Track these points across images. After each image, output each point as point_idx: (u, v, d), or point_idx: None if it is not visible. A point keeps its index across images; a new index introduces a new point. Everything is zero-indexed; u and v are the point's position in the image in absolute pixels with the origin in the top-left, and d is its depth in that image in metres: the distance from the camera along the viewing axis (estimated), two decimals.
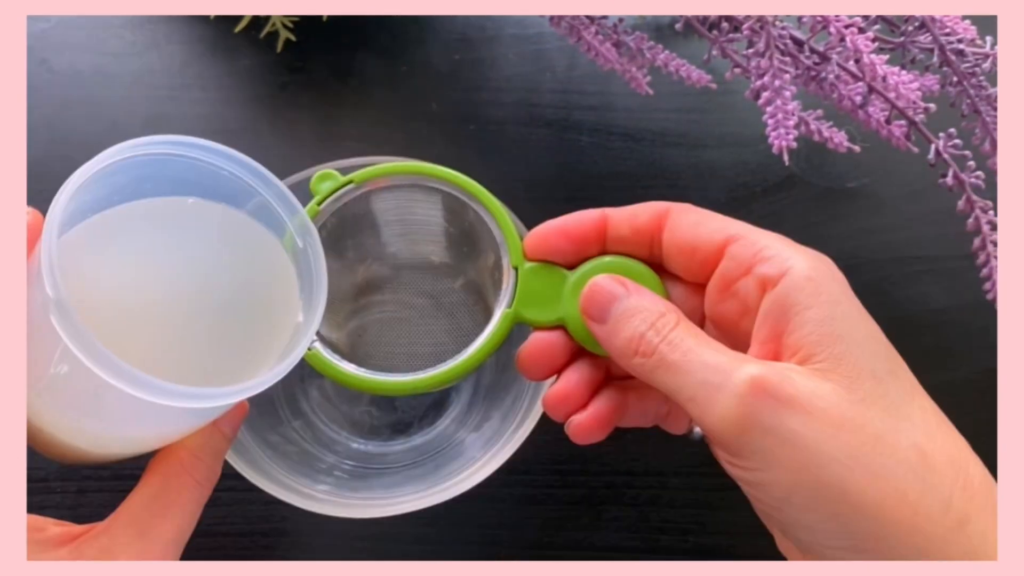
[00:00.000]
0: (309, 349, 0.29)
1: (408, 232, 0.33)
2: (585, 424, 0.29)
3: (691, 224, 0.28)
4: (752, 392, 0.24)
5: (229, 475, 0.35)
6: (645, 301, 0.27)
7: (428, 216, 0.32)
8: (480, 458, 0.38)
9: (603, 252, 0.30)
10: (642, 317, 0.27)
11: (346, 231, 0.32)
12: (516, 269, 0.30)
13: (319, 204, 0.30)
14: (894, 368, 0.25)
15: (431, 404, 0.44)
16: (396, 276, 0.35)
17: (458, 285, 0.34)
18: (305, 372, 0.42)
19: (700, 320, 0.29)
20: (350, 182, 0.30)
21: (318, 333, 0.29)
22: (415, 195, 0.31)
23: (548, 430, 0.35)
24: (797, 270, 0.26)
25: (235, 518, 0.42)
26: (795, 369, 0.25)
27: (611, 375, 0.30)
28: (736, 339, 0.28)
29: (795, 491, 0.24)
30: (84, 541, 0.24)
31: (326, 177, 0.30)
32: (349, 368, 0.30)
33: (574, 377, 0.29)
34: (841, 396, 0.24)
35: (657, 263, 0.29)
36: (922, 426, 0.24)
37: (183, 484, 0.27)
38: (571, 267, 0.30)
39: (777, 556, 0.28)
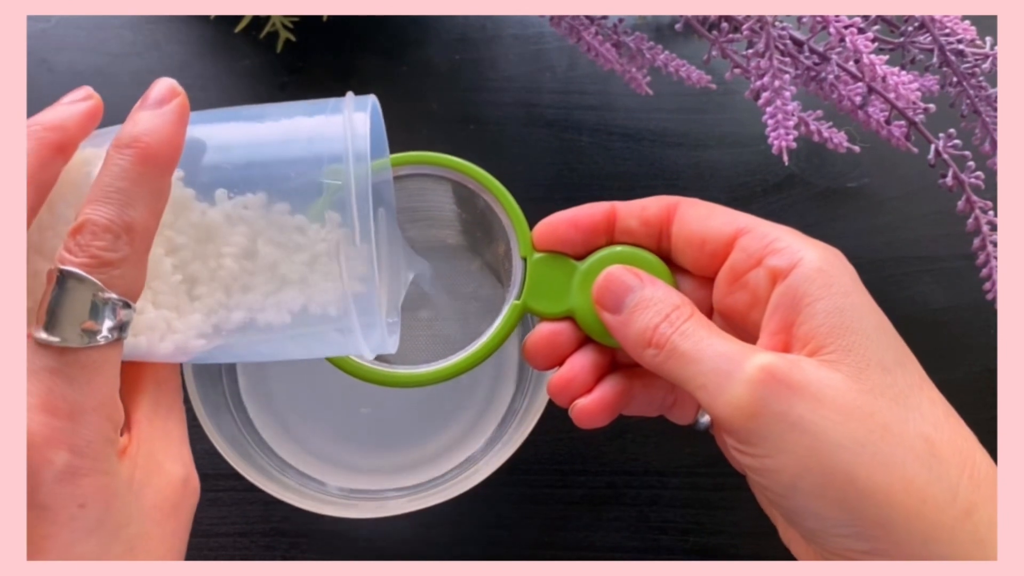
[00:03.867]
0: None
1: (420, 219, 0.34)
2: (589, 408, 0.29)
3: (700, 217, 0.28)
4: (762, 379, 0.24)
5: (229, 475, 0.35)
6: (660, 292, 0.27)
7: (440, 203, 0.32)
8: (480, 458, 0.38)
9: (611, 244, 0.30)
10: (656, 309, 0.27)
11: None
12: (525, 260, 0.30)
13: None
14: (903, 359, 0.26)
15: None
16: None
17: (475, 267, 0.34)
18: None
19: (708, 312, 0.29)
20: None
21: None
22: (425, 184, 0.31)
23: (548, 430, 0.35)
24: (808, 262, 0.26)
25: (235, 518, 0.42)
26: (805, 359, 0.25)
27: (617, 362, 0.30)
28: (744, 331, 0.28)
29: (803, 477, 0.24)
30: (131, 453, 0.25)
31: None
32: (358, 360, 0.30)
33: (579, 362, 0.29)
34: (850, 386, 0.24)
35: (664, 256, 0.30)
36: (930, 417, 0.24)
37: (172, 390, 0.28)
38: (579, 258, 0.30)
39: (777, 555, 0.28)
